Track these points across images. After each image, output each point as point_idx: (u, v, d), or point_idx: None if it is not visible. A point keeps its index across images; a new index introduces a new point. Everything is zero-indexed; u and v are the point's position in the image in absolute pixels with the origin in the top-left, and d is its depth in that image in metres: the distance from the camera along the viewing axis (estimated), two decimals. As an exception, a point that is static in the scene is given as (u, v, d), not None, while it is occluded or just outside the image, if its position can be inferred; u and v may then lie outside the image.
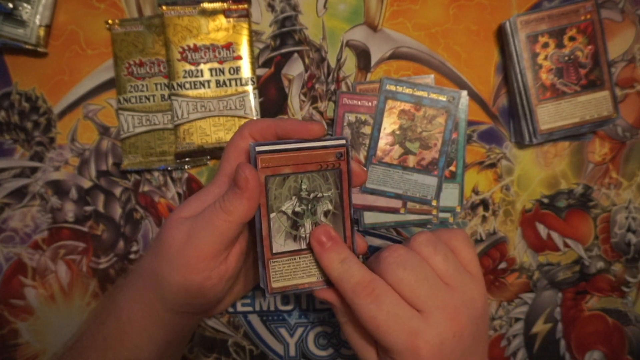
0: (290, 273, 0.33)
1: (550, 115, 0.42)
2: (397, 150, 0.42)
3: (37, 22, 0.43)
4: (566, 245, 0.46)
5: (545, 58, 0.42)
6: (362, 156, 0.43)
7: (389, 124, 0.41)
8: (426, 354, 0.28)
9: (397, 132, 0.41)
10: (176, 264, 0.31)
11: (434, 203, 0.42)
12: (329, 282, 0.34)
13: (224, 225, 0.30)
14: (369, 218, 0.44)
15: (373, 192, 0.42)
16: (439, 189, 0.42)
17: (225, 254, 0.32)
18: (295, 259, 0.33)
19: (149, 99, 0.44)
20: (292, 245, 0.33)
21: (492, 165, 0.45)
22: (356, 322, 0.32)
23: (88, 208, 0.45)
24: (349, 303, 0.30)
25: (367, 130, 0.43)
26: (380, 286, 0.30)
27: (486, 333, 0.33)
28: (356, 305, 0.30)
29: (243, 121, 0.44)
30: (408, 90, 0.43)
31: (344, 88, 0.45)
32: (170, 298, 0.32)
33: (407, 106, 0.39)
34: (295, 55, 0.45)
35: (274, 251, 0.33)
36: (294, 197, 0.33)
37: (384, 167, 0.41)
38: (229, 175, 0.33)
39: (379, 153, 0.42)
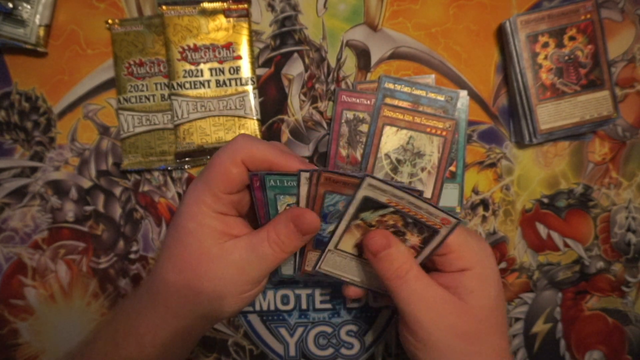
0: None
1: (550, 115, 0.42)
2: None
3: (37, 21, 0.43)
4: (566, 245, 0.46)
5: (545, 58, 0.42)
6: (358, 154, 0.43)
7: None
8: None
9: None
10: (228, 291, 0.33)
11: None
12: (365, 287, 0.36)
13: (277, 260, 0.33)
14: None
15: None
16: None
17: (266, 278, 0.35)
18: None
19: (149, 99, 0.44)
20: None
21: (492, 165, 0.45)
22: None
23: (88, 208, 0.45)
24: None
25: (364, 128, 0.43)
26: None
27: None
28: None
29: (243, 121, 0.44)
30: (406, 89, 0.43)
31: (343, 87, 0.45)
32: (201, 313, 0.33)
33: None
34: (295, 55, 0.45)
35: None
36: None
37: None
38: (220, 197, 0.33)
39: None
